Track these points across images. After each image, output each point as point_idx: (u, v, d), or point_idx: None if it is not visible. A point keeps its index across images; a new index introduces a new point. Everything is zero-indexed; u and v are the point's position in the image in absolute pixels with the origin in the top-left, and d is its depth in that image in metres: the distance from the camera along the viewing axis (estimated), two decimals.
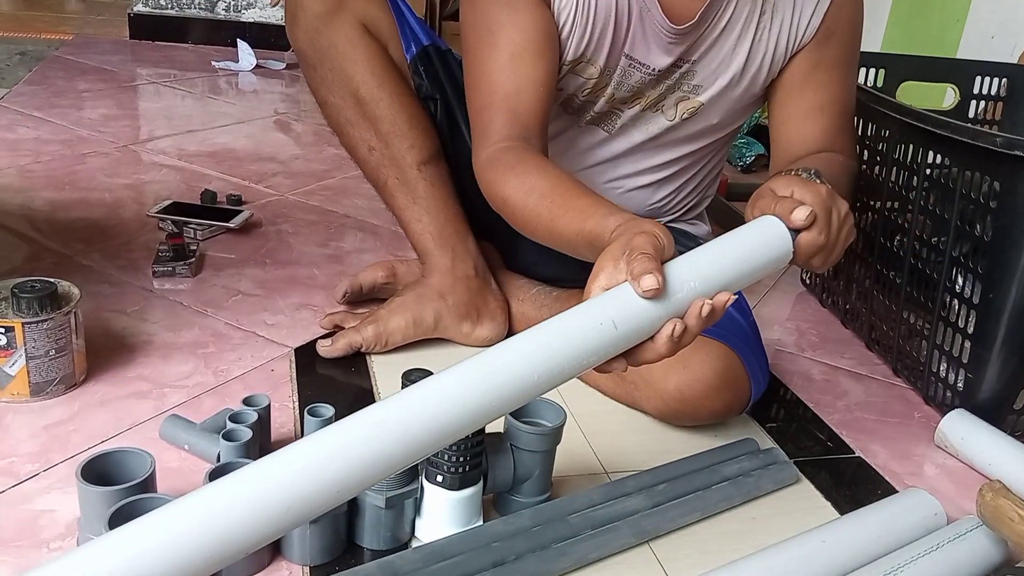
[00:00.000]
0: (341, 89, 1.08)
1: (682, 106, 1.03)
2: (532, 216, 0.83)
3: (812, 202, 0.70)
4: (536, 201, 0.82)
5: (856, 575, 0.72)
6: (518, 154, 0.88)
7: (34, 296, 0.89)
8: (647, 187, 1.11)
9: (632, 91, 1.01)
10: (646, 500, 0.81)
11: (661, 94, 1.02)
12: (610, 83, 1.00)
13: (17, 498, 0.78)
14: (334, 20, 1.06)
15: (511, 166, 0.87)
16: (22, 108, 1.99)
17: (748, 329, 0.99)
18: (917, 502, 0.84)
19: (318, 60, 1.08)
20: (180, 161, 1.75)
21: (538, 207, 0.82)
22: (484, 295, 1.12)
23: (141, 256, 1.29)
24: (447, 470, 0.75)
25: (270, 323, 1.14)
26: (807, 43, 0.99)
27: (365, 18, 1.08)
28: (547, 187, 0.82)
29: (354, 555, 0.75)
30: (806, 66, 0.99)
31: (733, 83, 1.00)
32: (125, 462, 0.73)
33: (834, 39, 0.99)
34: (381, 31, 1.10)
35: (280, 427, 0.91)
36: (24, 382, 0.90)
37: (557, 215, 0.79)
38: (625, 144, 1.07)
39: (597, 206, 0.76)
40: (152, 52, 2.74)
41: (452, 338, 1.11)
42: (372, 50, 1.07)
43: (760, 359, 0.97)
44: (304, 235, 1.44)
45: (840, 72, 1.00)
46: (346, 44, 1.06)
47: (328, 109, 1.11)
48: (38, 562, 0.70)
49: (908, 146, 1.13)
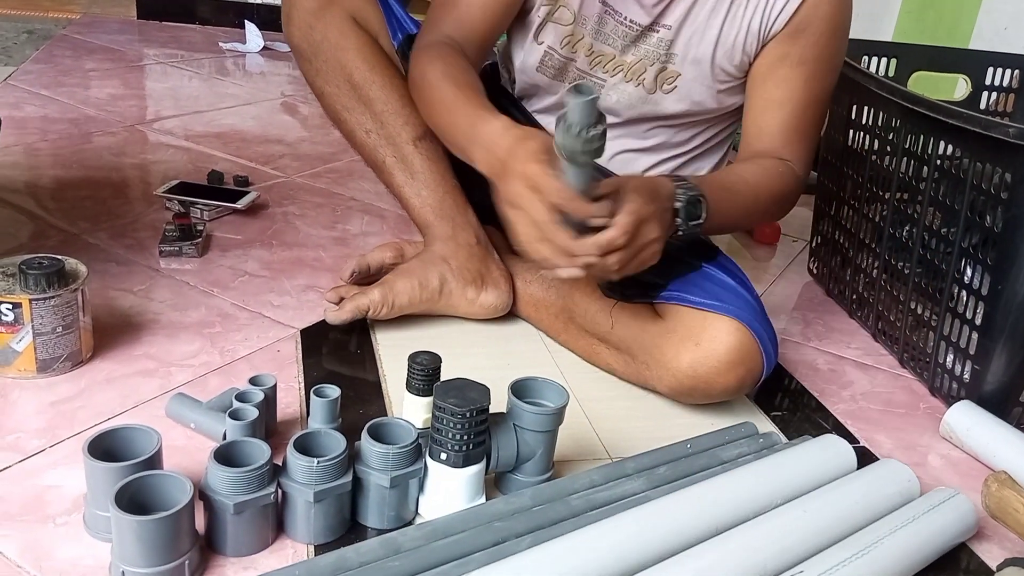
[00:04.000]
0: (336, 77, 1.13)
1: (662, 77, 1.05)
2: (439, 98, 0.96)
3: (627, 212, 0.81)
4: (449, 88, 0.95)
5: (839, 546, 0.73)
6: (455, 54, 1.00)
7: (41, 273, 0.89)
8: (635, 161, 1.13)
9: (611, 45, 1.04)
10: (646, 482, 0.81)
11: (641, 63, 1.04)
12: (586, 32, 1.04)
13: (24, 474, 0.78)
14: (325, 14, 1.13)
15: (444, 56, 0.99)
16: (29, 86, 1.99)
17: (754, 302, 0.99)
18: (891, 469, 0.85)
19: (313, 53, 1.14)
20: (187, 142, 1.75)
21: (447, 92, 0.95)
22: (487, 263, 1.13)
23: (148, 235, 1.29)
24: (451, 448, 0.75)
25: (276, 304, 1.14)
26: (777, 33, 1.00)
27: (354, 12, 1.14)
28: (464, 83, 0.95)
29: (358, 534, 0.76)
30: (773, 58, 1.01)
31: (707, 57, 1.02)
32: (132, 439, 0.73)
33: (805, 36, 0.99)
34: (370, 23, 1.16)
35: (286, 407, 0.92)
36: (31, 358, 0.90)
37: (460, 103, 0.93)
38: (612, 118, 1.09)
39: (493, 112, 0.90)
40: (159, 32, 2.73)
41: (457, 307, 1.11)
42: (362, 39, 1.13)
43: (769, 332, 0.97)
44: (311, 217, 1.44)
45: (806, 70, 1.01)
46: (338, 35, 1.12)
47: (325, 99, 1.17)
48: (45, 537, 0.71)
49: (919, 136, 1.12)
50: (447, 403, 0.74)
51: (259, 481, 0.70)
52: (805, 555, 0.72)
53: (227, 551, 0.71)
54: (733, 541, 0.72)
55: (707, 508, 0.75)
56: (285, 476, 0.72)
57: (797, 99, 1.02)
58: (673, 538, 0.72)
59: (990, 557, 0.83)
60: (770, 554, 0.71)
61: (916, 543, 0.76)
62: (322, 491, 0.71)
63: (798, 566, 0.70)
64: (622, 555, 0.68)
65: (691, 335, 0.95)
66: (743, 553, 0.70)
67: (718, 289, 0.98)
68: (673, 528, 0.72)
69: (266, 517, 0.72)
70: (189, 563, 0.67)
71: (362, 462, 0.75)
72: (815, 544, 0.74)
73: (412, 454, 0.76)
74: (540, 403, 0.82)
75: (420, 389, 0.87)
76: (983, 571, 0.81)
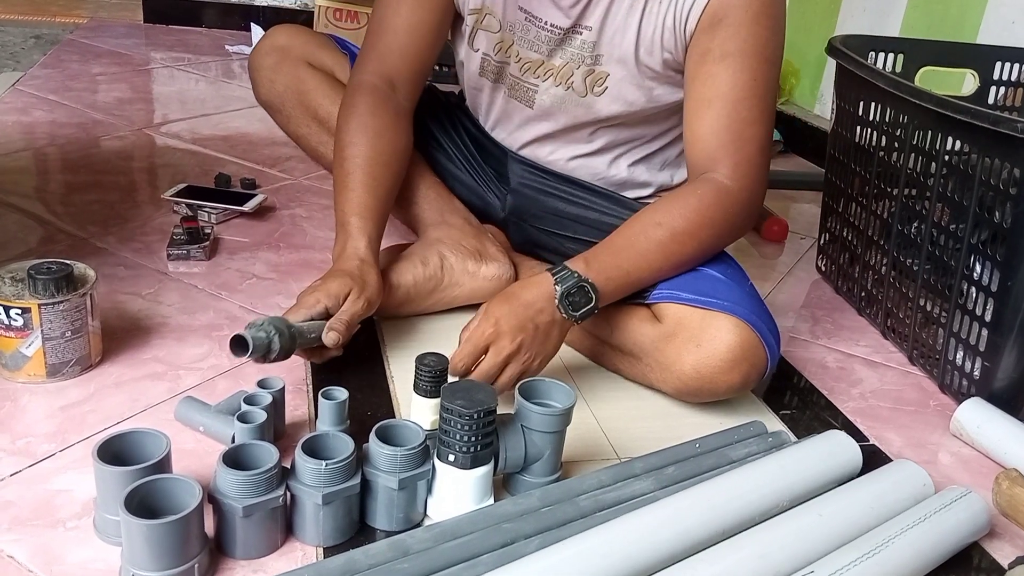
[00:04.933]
0: (304, 118, 1.22)
1: (590, 80, 1.04)
2: (338, 161, 1.04)
3: (470, 339, 0.89)
4: (347, 158, 1.03)
5: (850, 547, 0.73)
6: (376, 108, 1.06)
7: (50, 278, 0.89)
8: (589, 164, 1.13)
9: (536, 51, 1.05)
10: (655, 482, 0.81)
11: (568, 66, 1.04)
12: (515, 39, 1.05)
13: (34, 478, 0.79)
14: (283, 67, 1.22)
15: (360, 114, 1.05)
16: (37, 91, 2.00)
17: (750, 294, 0.99)
18: (908, 473, 0.84)
19: (280, 103, 1.23)
20: (194, 145, 1.75)
21: (344, 165, 1.03)
22: (482, 240, 1.14)
23: (156, 239, 1.29)
24: (459, 450, 0.75)
25: (284, 306, 1.13)
26: (695, 29, 0.97)
27: (307, 56, 1.23)
28: (362, 160, 1.03)
29: (367, 535, 0.76)
30: (697, 55, 0.98)
31: (630, 56, 1.01)
32: (141, 443, 0.73)
33: (723, 27, 0.95)
34: (324, 64, 1.23)
35: (294, 410, 0.92)
36: (40, 363, 0.91)
37: (344, 187, 1.02)
38: (552, 125, 1.11)
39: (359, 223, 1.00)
40: (166, 36, 2.74)
41: (461, 283, 1.11)
42: (319, 78, 1.21)
43: (769, 323, 0.96)
44: (317, 219, 1.44)
45: (731, 64, 0.95)
46: (296, 81, 1.21)
47: (302, 141, 1.25)
48: (55, 541, 0.71)
49: (927, 132, 1.12)
50: (455, 404, 0.74)
51: (268, 484, 0.70)
52: (817, 558, 0.72)
53: (237, 554, 0.71)
54: (746, 547, 0.71)
55: (716, 508, 0.75)
56: (294, 479, 0.72)
57: (726, 96, 0.96)
58: (683, 539, 0.72)
59: (1002, 555, 0.83)
60: (783, 558, 0.70)
61: (927, 543, 0.76)
62: (331, 493, 0.71)
63: (808, 566, 0.69)
64: (633, 557, 0.68)
65: (691, 336, 0.94)
66: (755, 559, 0.70)
67: (711, 284, 0.97)
68: (683, 529, 0.72)
69: (275, 520, 0.72)
70: (199, 566, 0.67)
71: (370, 464, 0.75)
72: (828, 547, 0.73)
73: (420, 456, 0.76)
74: (548, 404, 0.82)
75: (427, 391, 0.87)
76: (995, 569, 0.81)
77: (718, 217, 0.97)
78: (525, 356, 0.90)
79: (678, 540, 0.71)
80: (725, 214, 0.97)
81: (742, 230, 1.02)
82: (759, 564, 0.69)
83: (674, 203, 0.97)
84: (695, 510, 0.74)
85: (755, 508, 0.77)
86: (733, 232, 1.01)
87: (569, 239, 1.14)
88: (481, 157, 1.21)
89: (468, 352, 0.89)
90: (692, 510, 0.74)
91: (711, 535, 0.73)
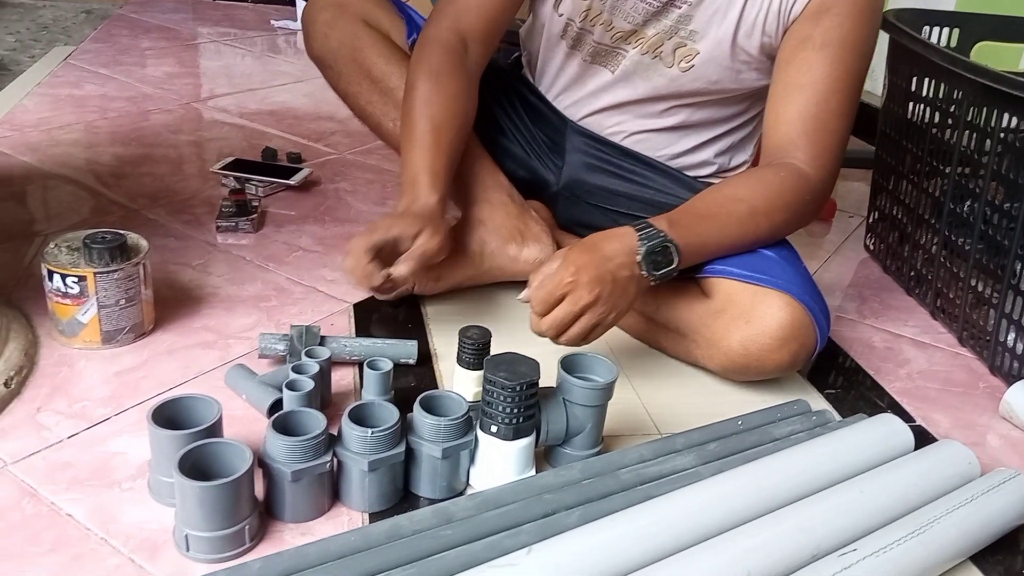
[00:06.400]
0: (356, 76, 1.19)
1: (680, 53, 1.03)
2: (410, 117, 1.02)
3: (544, 284, 0.87)
4: (420, 117, 1.01)
5: (894, 526, 0.72)
6: (452, 68, 1.04)
7: (105, 247, 0.91)
8: (653, 140, 1.12)
9: (630, 22, 1.03)
10: (696, 458, 0.81)
11: (659, 36, 1.02)
12: (604, 8, 1.04)
13: (91, 440, 0.81)
14: (338, 22, 1.19)
15: (436, 75, 1.03)
16: (88, 65, 2.03)
17: (803, 273, 0.97)
18: (952, 451, 0.83)
19: (332, 59, 1.20)
20: (241, 119, 1.78)
21: (418, 122, 1.01)
22: (524, 219, 1.13)
23: (204, 211, 1.31)
24: (502, 421, 0.76)
25: (329, 279, 1.15)
26: (799, 14, 0.96)
27: (364, 14, 1.20)
28: (437, 121, 1.01)
29: (411, 503, 0.77)
30: (795, 41, 0.97)
31: (727, 36, 1.00)
32: (193, 408, 0.75)
33: (828, 17, 0.95)
34: (381, 23, 1.20)
35: (340, 379, 0.93)
36: (96, 330, 0.93)
37: (416, 145, 1.00)
38: (629, 92, 1.09)
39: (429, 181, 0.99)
40: (212, 11, 2.76)
41: (502, 268, 1.11)
42: (375, 36, 1.18)
43: (820, 304, 0.95)
44: (361, 193, 1.46)
45: (830, 53, 0.95)
46: (352, 37, 1.18)
47: (351, 99, 1.22)
48: (111, 501, 0.74)
49: (982, 108, 1.09)
50: (497, 377, 0.75)
51: (316, 450, 0.72)
52: (860, 535, 0.71)
53: (285, 517, 0.73)
54: (787, 520, 0.71)
55: (765, 490, 0.74)
56: (340, 446, 0.74)
57: (819, 84, 0.96)
58: (730, 520, 0.71)
59: None
60: (825, 533, 0.70)
61: (973, 524, 0.75)
62: (376, 460, 0.73)
63: (851, 544, 0.69)
64: (679, 536, 0.68)
65: (741, 313, 0.93)
66: (797, 532, 0.69)
67: (764, 262, 0.96)
68: (730, 510, 0.72)
69: (322, 485, 0.74)
70: (249, 528, 0.69)
71: (414, 433, 0.76)
72: (871, 524, 0.73)
73: (463, 426, 0.77)
74: (590, 378, 0.82)
75: (470, 363, 0.88)
76: None
77: (796, 202, 0.96)
78: (601, 309, 0.88)
79: (725, 521, 0.71)
80: (802, 201, 0.97)
81: (809, 220, 1.02)
82: (801, 537, 0.69)
83: (756, 181, 0.96)
84: (744, 492, 0.74)
85: (804, 492, 0.76)
86: (802, 220, 1.01)
87: (623, 215, 1.13)
88: (536, 127, 1.19)
89: (543, 299, 0.87)
90: (741, 492, 0.74)
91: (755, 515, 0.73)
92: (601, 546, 0.66)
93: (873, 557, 0.67)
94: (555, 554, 0.64)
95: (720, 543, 0.68)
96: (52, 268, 0.91)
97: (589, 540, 0.66)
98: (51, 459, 0.78)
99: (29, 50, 2.17)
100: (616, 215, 1.14)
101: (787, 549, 0.68)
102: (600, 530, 0.67)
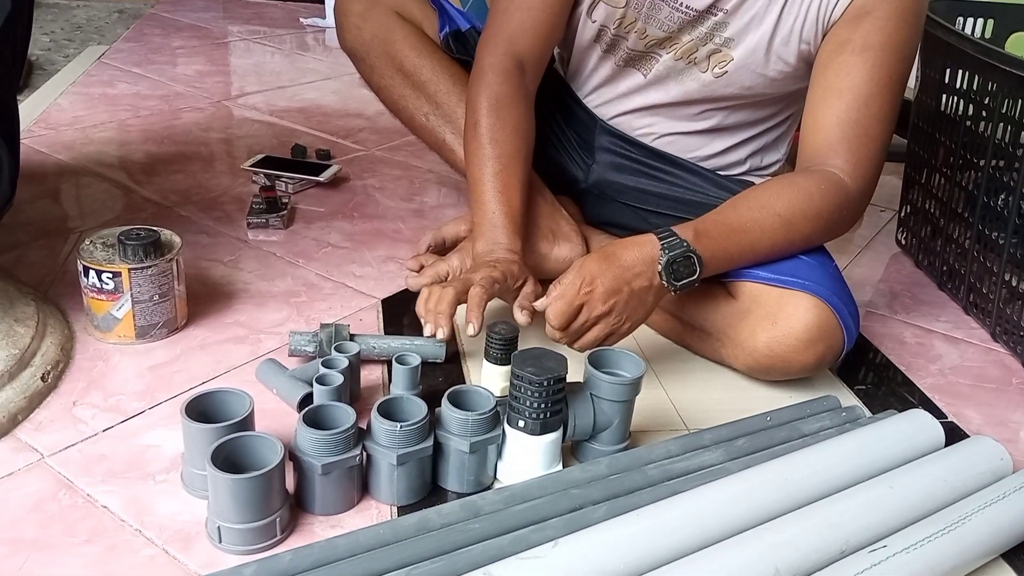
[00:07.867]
0: (389, 69, 1.20)
1: (714, 59, 1.01)
2: (475, 158, 1.02)
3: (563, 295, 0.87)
4: (489, 158, 1.01)
5: (925, 522, 0.71)
6: (511, 96, 1.04)
7: (139, 243, 0.93)
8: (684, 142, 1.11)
9: (664, 30, 1.02)
10: (724, 454, 0.80)
11: (694, 42, 1.01)
12: (639, 17, 1.03)
13: (125, 433, 0.83)
14: (371, 15, 1.20)
15: (498, 107, 1.03)
16: (121, 64, 2.06)
17: (832, 273, 0.96)
18: (983, 447, 0.82)
19: (365, 52, 1.21)
20: (271, 116, 1.79)
21: (485, 162, 1.01)
22: (555, 218, 1.13)
23: (235, 208, 1.33)
24: (529, 416, 0.76)
25: (358, 275, 1.16)
26: (838, 19, 0.94)
27: (397, 7, 1.21)
28: (507, 155, 1.01)
29: (439, 496, 0.78)
30: (834, 45, 0.95)
31: (763, 43, 0.98)
32: (226, 401, 0.76)
33: (869, 20, 0.92)
34: (413, 15, 1.21)
35: (368, 374, 0.94)
36: (130, 325, 0.95)
37: (485, 186, 1.01)
38: (662, 95, 1.08)
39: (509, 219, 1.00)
40: (242, 9, 2.79)
41: (532, 264, 1.09)
42: (407, 29, 1.19)
43: (850, 305, 0.94)
44: (390, 190, 1.47)
45: (871, 57, 0.92)
46: (384, 30, 1.19)
47: (382, 92, 1.23)
48: (145, 493, 0.75)
49: (1017, 100, 1.07)
50: (525, 372, 0.75)
51: (345, 444, 0.73)
52: (889, 531, 0.71)
53: (315, 509, 0.74)
54: (816, 515, 0.70)
55: (792, 485, 0.74)
56: (369, 440, 0.75)
57: (859, 89, 0.93)
58: (757, 515, 0.71)
59: None
60: (854, 529, 0.70)
61: (1005, 522, 0.74)
62: (405, 454, 0.73)
63: (881, 540, 0.69)
64: (706, 531, 0.68)
65: (767, 314, 0.92)
66: (825, 528, 0.69)
67: (792, 263, 0.95)
68: (757, 504, 0.72)
69: (352, 478, 0.75)
70: (280, 520, 0.70)
71: (443, 428, 0.77)
72: (900, 521, 0.72)
73: (491, 421, 0.77)
74: (617, 373, 0.82)
75: (498, 358, 0.88)
76: None
77: (832, 214, 0.94)
78: (615, 320, 0.88)
79: (753, 516, 0.71)
80: (841, 214, 0.95)
81: (845, 230, 1.00)
82: (830, 533, 0.68)
83: (794, 191, 0.93)
84: (771, 487, 0.73)
85: (832, 487, 0.75)
86: (838, 231, 0.99)
87: (652, 213, 1.13)
88: (566, 124, 1.19)
89: (562, 311, 0.87)
90: (768, 487, 0.73)
91: (784, 511, 0.73)
92: (627, 540, 0.66)
93: (903, 554, 0.67)
94: (581, 547, 0.65)
95: (748, 539, 0.68)
96: (88, 264, 0.93)
97: (615, 534, 0.66)
98: (87, 452, 0.80)
99: (63, 50, 2.21)
100: (646, 213, 1.13)
101: (815, 545, 0.67)
102: (626, 525, 0.68)
